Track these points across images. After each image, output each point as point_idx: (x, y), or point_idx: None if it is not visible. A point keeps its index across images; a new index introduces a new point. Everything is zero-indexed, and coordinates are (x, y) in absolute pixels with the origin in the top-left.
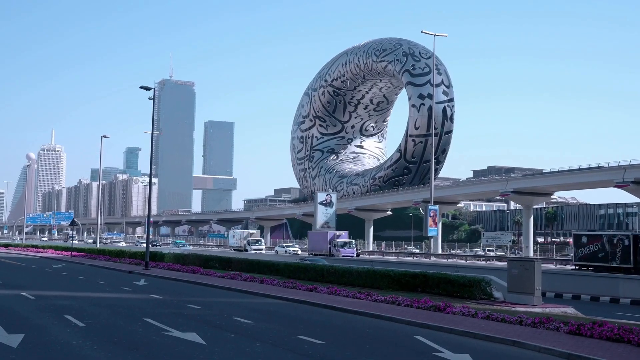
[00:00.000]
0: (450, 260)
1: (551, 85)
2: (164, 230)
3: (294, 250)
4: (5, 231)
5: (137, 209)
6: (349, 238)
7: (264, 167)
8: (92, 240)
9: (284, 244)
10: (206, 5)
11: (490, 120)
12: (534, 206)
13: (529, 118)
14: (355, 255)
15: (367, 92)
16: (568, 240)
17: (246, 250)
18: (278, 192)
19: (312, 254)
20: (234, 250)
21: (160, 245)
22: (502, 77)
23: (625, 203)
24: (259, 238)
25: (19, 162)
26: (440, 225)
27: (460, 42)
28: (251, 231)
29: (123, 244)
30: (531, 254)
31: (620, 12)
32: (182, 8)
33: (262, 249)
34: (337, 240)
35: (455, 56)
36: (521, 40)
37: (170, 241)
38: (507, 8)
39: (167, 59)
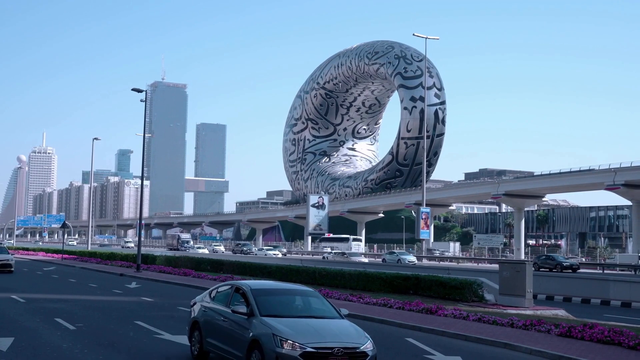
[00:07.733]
0: (441, 262)
1: (545, 84)
2: (156, 232)
3: None
4: None
5: (128, 211)
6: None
7: (256, 170)
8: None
9: None
10: (198, 7)
11: (481, 119)
12: (526, 209)
13: (521, 117)
14: None
15: (359, 95)
16: (559, 242)
17: None
18: (270, 194)
19: None
20: None
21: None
22: (493, 76)
23: (616, 205)
24: None
25: (10, 165)
26: (432, 227)
27: (451, 41)
28: None
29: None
30: (522, 256)
31: (612, 8)
32: (174, 10)
33: None
34: None
35: (445, 55)
36: (512, 38)
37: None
38: (498, 6)
39: (159, 61)
